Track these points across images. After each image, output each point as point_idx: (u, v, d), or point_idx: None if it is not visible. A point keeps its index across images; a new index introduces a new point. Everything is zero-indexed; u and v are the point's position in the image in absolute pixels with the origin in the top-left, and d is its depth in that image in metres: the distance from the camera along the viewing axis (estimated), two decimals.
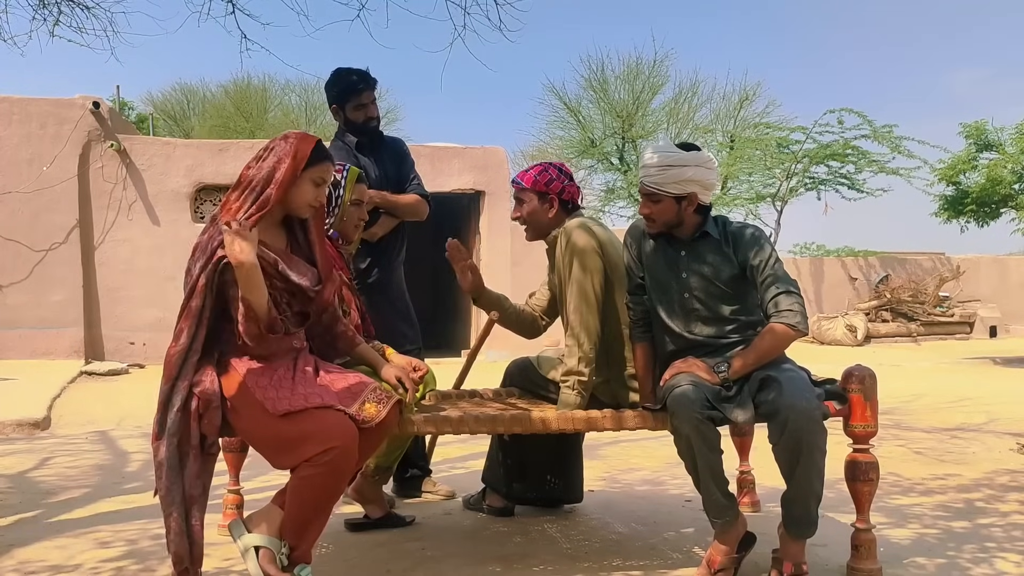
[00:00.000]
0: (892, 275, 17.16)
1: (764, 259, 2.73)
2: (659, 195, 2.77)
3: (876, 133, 16.47)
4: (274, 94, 26.17)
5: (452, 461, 4.70)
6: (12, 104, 10.26)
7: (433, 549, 3.03)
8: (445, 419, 2.74)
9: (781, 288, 2.67)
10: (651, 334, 2.94)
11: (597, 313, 2.93)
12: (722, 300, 2.81)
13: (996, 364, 11.34)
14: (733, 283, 2.79)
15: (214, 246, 2.35)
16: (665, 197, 2.76)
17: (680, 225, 2.82)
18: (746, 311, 2.82)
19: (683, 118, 22.98)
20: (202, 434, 2.39)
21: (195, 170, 10.80)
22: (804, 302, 2.71)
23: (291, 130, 2.58)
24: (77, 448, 5.31)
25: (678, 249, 2.86)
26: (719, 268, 2.79)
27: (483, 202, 12.05)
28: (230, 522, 2.50)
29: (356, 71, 3.80)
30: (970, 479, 4.20)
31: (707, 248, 2.82)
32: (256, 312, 2.33)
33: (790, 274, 2.77)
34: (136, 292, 10.47)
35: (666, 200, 2.77)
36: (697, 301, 2.81)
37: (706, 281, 2.81)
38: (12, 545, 3.08)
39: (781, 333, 2.64)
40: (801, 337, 2.71)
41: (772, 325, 2.65)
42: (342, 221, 3.16)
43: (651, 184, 2.77)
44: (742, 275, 2.78)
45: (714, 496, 2.62)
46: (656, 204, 2.79)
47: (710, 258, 2.81)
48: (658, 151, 2.79)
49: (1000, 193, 11.70)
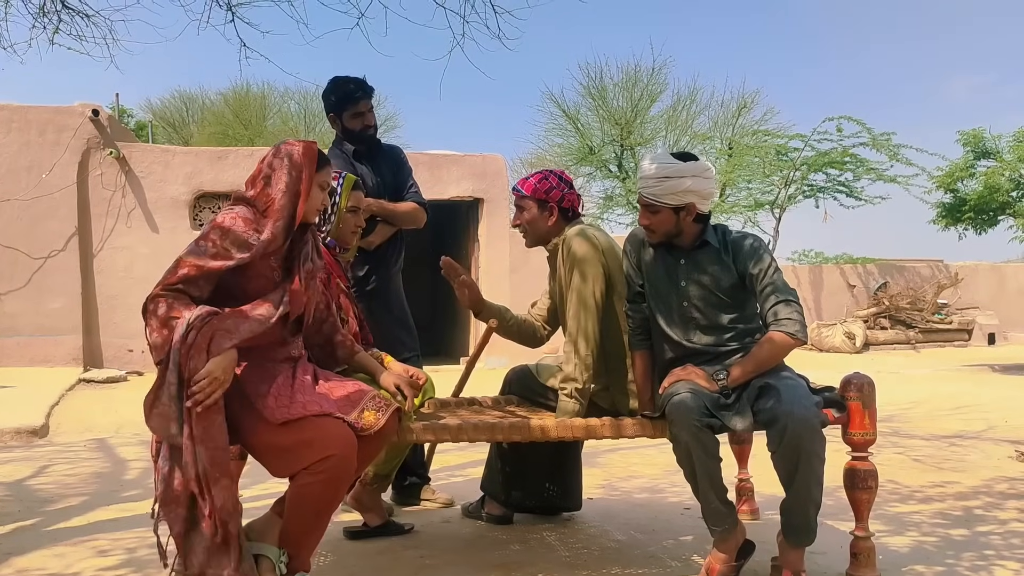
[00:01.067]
0: (890, 282, 17.16)
1: (763, 268, 2.73)
2: (657, 206, 2.78)
3: (875, 141, 16.48)
4: (273, 102, 26.19)
5: (451, 469, 4.70)
6: (11, 111, 10.27)
7: (432, 557, 3.03)
8: (444, 427, 2.75)
9: (780, 297, 2.68)
10: (650, 342, 2.95)
11: (597, 320, 2.94)
12: (721, 309, 2.81)
13: (994, 371, 11.34)
14: (732, 292, 2.80)
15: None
16: (663, 208, 2.77)
17: (680, 235, 2.83)
18: (745, 319, 2.82)
19: (681, 125, 23.01)
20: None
21: (194, 177, 10.81)
22: (803, 311, 2.72)
23: (283, 143, 2.52)
24: (75, 456, 5.30)
25: (677, 258, 2.86)
26: (718, 277, 2.80)
27: (482, 209, 12.06)
28: None
29: (353, 79, 3.81)
30: (969, 487, 4.20)
31: (706, 257, 2.82)
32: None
33: (789, 282, 2.79)
34: (135, 299, 10.36)
35: (664, 211, 2.78)
36: (696, 310, 2.82)
37: (705, 290, 2.81)
38: (10, 553, 3.07)
39: (780, 342, 2.64)
40: (800, 346, 2.72)
41: (771, 334, 2.66)
42: (339, 228, 3.16)
43: (649, 195, 2.77)
44: (741, 284, 2.79)
45: (713, 504, 2.62)
46: (655, 215, 2.80)
47: (709, 267, 2.81)
48: (655, 161, 2.79)
49: (998, 201, 11.72)
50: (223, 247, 2.34)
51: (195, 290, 2.33)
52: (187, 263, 2.32)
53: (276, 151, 2.49)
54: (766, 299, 2.71)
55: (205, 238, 2.36)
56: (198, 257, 2.33)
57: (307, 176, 2.44)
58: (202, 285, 2.34)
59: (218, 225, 2.38)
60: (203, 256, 2.33)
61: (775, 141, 18.67)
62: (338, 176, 3.15)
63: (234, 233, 2.36)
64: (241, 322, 2.29)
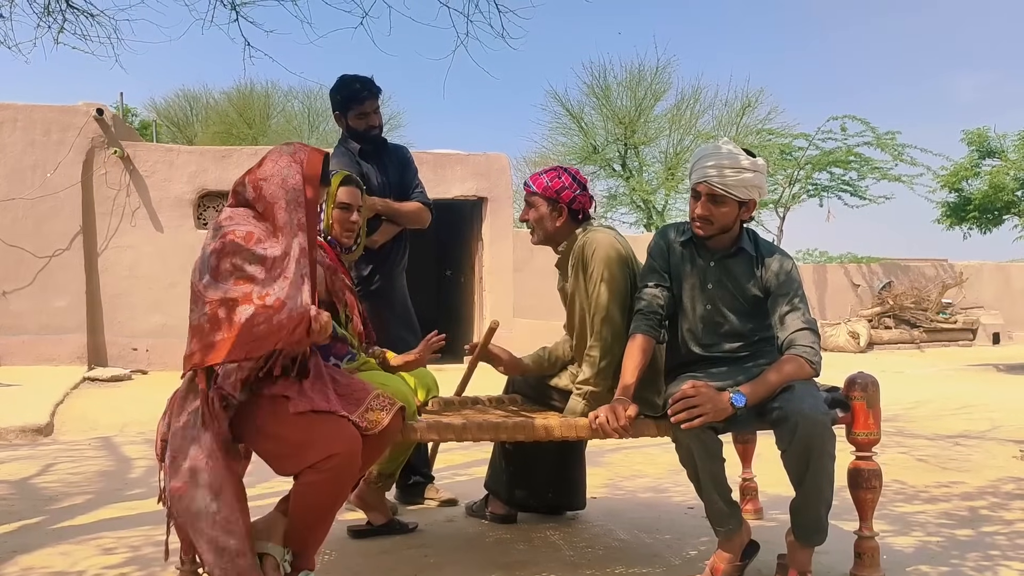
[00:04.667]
0: (895, 282, 17.15)
1: (793, 290, 2.69)
2: (726, 197, 2.69)
3: (879, 140, 16.48)
4: (277, 101, 26.22)
5: (455, 468, 4.70)
6: (16, 111, 10.28)
7: (436, 556, 3.03)
8: (448, 426, 2.74)
9: (805, 324, 2.64)
10: (654, 330, 2.81)
11: (622, 333, 2.87)
12: (744, 316, 2.79)
13: (999, 371, 11.31)
14: (756, 301, 2.75)
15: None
16: (731, 200, 2.69)
17: (726, 233, 2.77)
18: (763, 328, 2.79)
19: (685, 124, 23.01)
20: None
21: (198, 177, 10.81)
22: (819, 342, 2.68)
23: (269, 155, 2.46)
24: (80, 454, 5.31)
25: (707, 260, 2.82)
26: (745, 285, 2.76)
27: (485, 208, 12.06)
28: None
29: (360, 79, 3.80)
30: (974, 487, 4.19)
31: (738, 263, 2.77)
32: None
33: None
34: (139, 298, 10.48)
35: (731, 203, 2.70)
36: (719, 314, 2.78)
37: (731, 296, 2.78)
38: (15, 551, 3.08)
39: (801, 369, 2.57)
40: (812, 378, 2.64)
41: (795, 358, 2.58)
42: (329, 225, 3.12)
43: (720, 185, 2.67)
44: (765, 297, 2.76)
45: (716, 504, 2.61)
46: (719, 206, 2.70)
47: (740, 274, 2.76)
48: (729, 153, 2.68)
49: (1003, 200, 11.70)
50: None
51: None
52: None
53: (281, 181, 2.39)
54: (789, 320, 2.65)
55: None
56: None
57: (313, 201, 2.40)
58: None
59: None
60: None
61: (779, 140, 18.69)
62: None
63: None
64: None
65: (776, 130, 19.99)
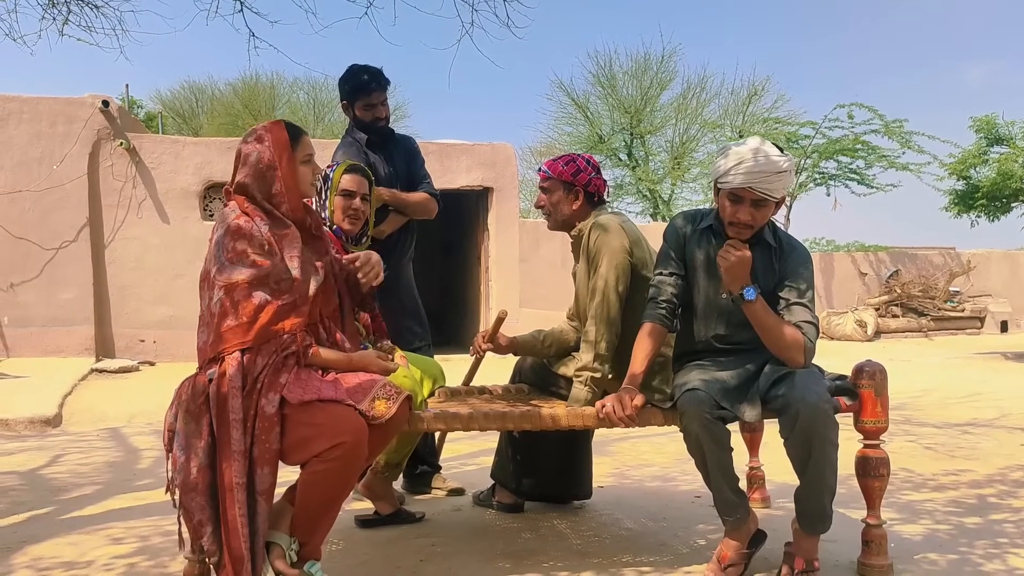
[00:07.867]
0: (902, 270, 17.09)
1: (806, 284, 2.68)
2: (769, 201, 2.62)
3: (887, 128, 16.37)
4: (282, 92, 26.25)
5: (462, 457, 4.71)
6: (22, 103, 10.30)
7: (443, 545, 3.04)
8: (455, 415, 2.74)
9: (809, 318, 2.63)
10: (666, 317, 2.78)
11: (618, 311, 2.90)
12: None
13: (1007, 359, 11.28)
14: (770, 294, 2.72)
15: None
16: (772, 203, 2.64)
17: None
18: None
19: (691, 114, 22.95)
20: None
21: (204, 168, 10.83)
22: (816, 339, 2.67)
23: (247, 142, 2.58)
24: (88, 445, 5.34)
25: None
26: (763, 278, 2.71)
27: (491, 198, 12.04)
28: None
29: (369, 70, 3.78)
30: (982, 475, 4.18)
31: (758, 255, 2.70)
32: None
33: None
34: (146, 290, 10.52)
35: (771, 205, 2.65)
36: (732, 303, 2.77)
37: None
38: (25, 542, 3.10)
39: (796, 339, 2.58)
40: (799, 366, 2.60)
41: (800, 336, 2.58)
42: (332, 213, 3.18)
43: (762, 190, 2.58)
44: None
45: (724, 493, 2.61)
46: (762, 209, 2.64)
47: (756, 265, 2.70)
48: (767, 157, 2.58)
49: (1011, 187, 11.63)
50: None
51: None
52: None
53: (243, 158, 2.56)
54: (797, 310, 2.64)
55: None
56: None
57: (284, 157, 2.51)
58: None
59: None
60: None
61: (786, 129, 18.60)
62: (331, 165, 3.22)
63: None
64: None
65: (783, 119, 19.93)
